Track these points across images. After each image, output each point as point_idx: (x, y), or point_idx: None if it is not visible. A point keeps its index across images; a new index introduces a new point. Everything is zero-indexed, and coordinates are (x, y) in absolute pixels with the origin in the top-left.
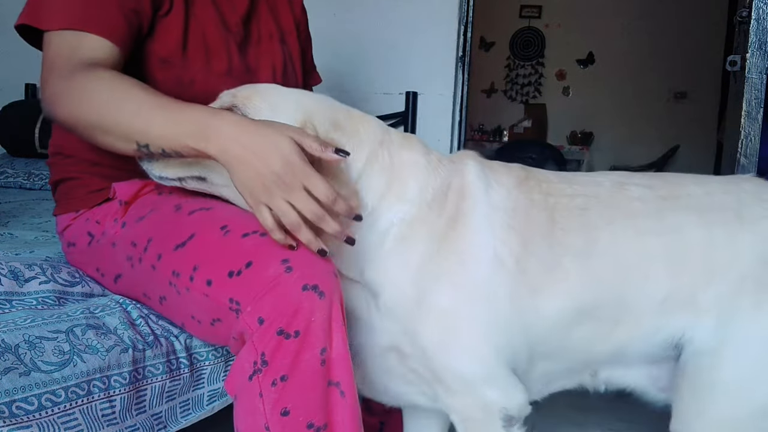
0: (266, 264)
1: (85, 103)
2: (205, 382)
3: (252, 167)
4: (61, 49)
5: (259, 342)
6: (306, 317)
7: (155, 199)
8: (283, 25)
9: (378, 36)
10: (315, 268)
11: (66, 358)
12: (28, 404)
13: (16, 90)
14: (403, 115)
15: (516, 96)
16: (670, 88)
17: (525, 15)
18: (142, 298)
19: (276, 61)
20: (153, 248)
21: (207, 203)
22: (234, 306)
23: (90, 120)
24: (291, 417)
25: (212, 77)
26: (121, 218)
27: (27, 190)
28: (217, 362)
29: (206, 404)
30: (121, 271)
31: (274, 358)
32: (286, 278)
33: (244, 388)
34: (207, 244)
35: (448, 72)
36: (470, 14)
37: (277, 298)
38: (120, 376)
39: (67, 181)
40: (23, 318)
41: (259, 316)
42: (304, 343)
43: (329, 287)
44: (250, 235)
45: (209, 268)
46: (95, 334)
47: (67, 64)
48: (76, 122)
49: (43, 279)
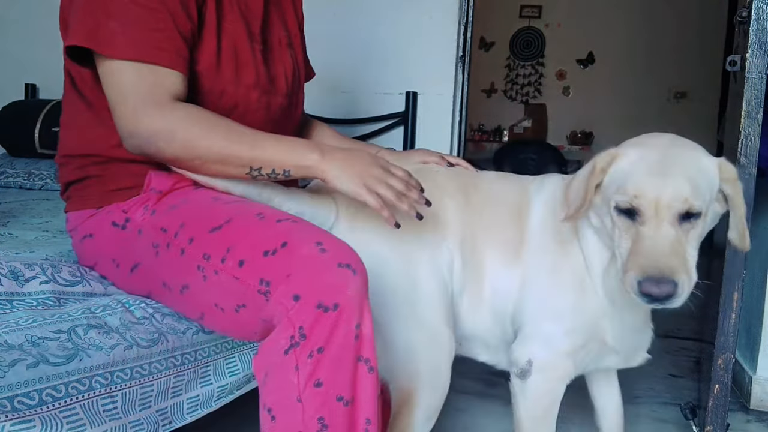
0: (300, 244)
1: (203, 141)
2: (212, 378)
3: (353, 168)
4: (138, 85)
5: (296, 317)
6: (343, 291)
7: (190, 192)
8: (290, 29)
9: (378, 36)
10: (346, 249)
11: (71, 354)
12: (30, 399)
13: (16, 90)
14: (403, 115)
15: (516, 96)
16: (670, 88)
17: (525, 15)
18: (158, 290)
19: (287, 67)
20: (185, 232)
21: (242, 199)
22: (263, 288)
23: (209, 155)
24: (323, 389)
25: (241, 89)
26: (152, 206)
27: (27, 190)
28: (222, 358)
29: (214, 401)
30: (141, 260)
31: (313, 331)
32: (321, 257)
33: (277, 364)
34: (242, 227)
35: (448, 72)
36: (470, 14)
37: (314, 274)
38: (122, 372)
39: (85, 179)
40: (24, 318)
41: (294, 293)
42: (341, 317)
43: (360, 267)
44: (284, 221)
45: (243, 249)
46: (97, 333)
47: (152, 101)
48: (192, 157)
49: (44, 279)
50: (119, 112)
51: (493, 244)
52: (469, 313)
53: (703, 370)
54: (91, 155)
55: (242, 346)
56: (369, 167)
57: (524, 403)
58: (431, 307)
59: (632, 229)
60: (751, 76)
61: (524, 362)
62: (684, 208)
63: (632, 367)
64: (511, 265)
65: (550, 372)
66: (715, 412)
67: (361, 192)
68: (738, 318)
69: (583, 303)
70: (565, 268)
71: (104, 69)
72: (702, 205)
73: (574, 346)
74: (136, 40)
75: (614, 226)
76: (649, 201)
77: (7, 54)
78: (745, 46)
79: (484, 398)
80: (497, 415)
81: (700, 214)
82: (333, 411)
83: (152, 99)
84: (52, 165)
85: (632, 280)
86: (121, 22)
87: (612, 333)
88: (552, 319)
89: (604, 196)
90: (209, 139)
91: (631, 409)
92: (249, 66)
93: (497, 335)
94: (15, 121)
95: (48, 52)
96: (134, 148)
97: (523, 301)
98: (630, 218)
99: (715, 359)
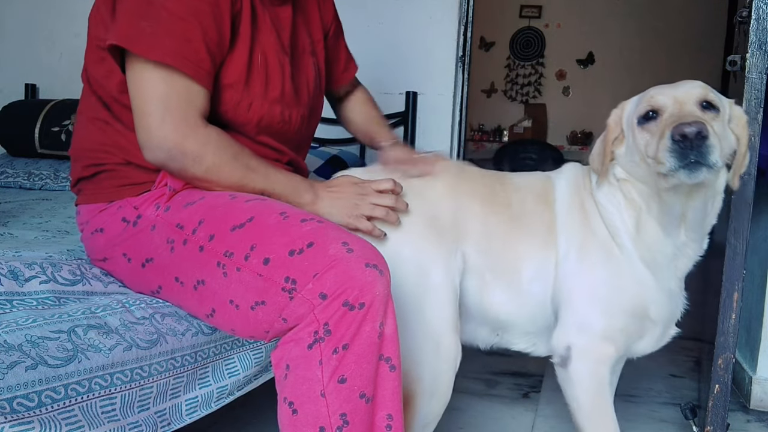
0: (327, 245)
1: (226, 168)
2: (211, 379)
3: (340, 202)
4: (168, 98)
5: (321, 314)
6: (371, 291)
7: (205, 190)
8: (313, 35)
9: (378, 36)
10: (372, 250)
11: (70, 355)
12: (29, 401)
13: (16, 90)
14: (403, 115)
15: (516, 96)
16: None
17: (525, 15)
18: (170, 284)
19: (309, 77)
20: (204, 229)
21: (261, 197)
22: (289, 286)
23: (229, 182)
24: (347, 385)
25: (267, 102)
26: (164, 203)
27: (27, 190)
28: (222, 359)
29: (213, 402)
30: (154, 255)
31: (338, 328)
32: (348, 257)
33: (300, 358)
34: (267, 226)
35: (448, 72)
36: (470, 14)
37: (341, 273)
38: (122, 374)
39: (97, 174)
40: (24, 318)
41: (321, 291)
42: (367, 315)
43: (386, 268)
44: (309, 221)
45: (269, 247)
46: (97, 333)
47: (183, 118)
48: (211, 180)
49: (43, 278)
50: (145, 122)
51: (525, 231)
52: (506, 303)
53: (703, 370)
54: (105, 152)
55: (242, 347)
56: (352, 197)
57: (572, 392)
58: (439, 314)
59: (657, 128)
60: (751, 76)
61: (563, 349)
62: (703, 94)
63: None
64: (545, 249)
65: (590, 356)
66: (715, 411)
67: (350, 222)
68: (738, 318)
69: (616, 277)
70: (593, 245)
71: (133, 72)
72: (718, 102)
73: (612, 327)
74: (167, 45)
75: (640, 142)
76: (667, 96)
77: (7, 54)
78: (745, 46)
79: (484, 398)
80: (497, 415)
81: (719, 110)
82: (355, 407)
83: (183, 116)
84: (52, 165)
85: (665, 141)
86: (152, 24)
87: (653, 302)
88: (586, 300)
89: (627, 136)
90: (232, 167)
91: (630, 408)
92: (277, 80)
93: (538, 321)
94: (15, 121)
95: (48, 52)
96: (155, 159)
97: (557, 283)
98: (653, 121)
99: (715, 359)
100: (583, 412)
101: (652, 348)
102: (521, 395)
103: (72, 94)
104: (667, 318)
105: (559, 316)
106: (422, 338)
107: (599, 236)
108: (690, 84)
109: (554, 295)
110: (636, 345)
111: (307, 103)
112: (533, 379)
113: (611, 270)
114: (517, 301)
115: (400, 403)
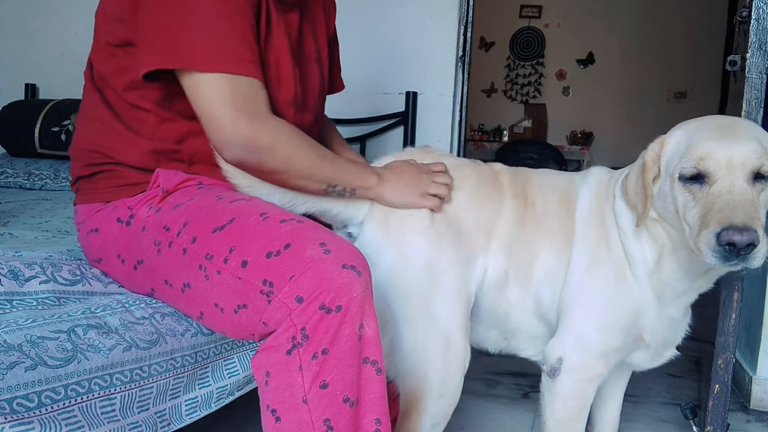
0: (304, 246)
1: (300, 156)
2: (210, 380)
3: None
4: (235, 97)
5: (298, 318)
6: (347, 293)
7: (196, 191)
8: (319, 42)
9: (378, 36)
10: (351, 250)
11: (70, 355)
12: (29, 401)
13: (16, 90)
14: (403, 115)
15: (516, 96)
16: (670, 88)
17: (525, 15)
18: (161, 287)
19: (314, 83)
20: (188, 232)
21: (248, 196)
22: (266, 289)
23: (301, 170)
24: (329, 390)
25: (278, 106)
26: (156, 204)
27: (27, 190)
28: (222, 360)
29: (213, 403)
30: (143, 257)
31: (316, 332)
32: (325, 258)
33: (279, 364)
34: (246, 227)
35: (448, 72)
36: (470, 14)
37: (318, 275)
38: (122, 374)
39: (95, 174)
40: (24, 318)
41: (297, 294)
42: (345, 318)
43: (365, 268)
44: (288, 222)
45: (246, 250)
46: (97, 333)
47: (254, 113)
48: (286, 171)
49: (43, 278)
50: (217, 124)
51: (544, 232)
52: (517, 304)
53: (703, 370)
54: (104, 153)
55: (241, 347)
56: (415, 176)
57: (551, 404)
58: (450, 313)
59: (701, 194)
60: (751, 76)
61: (554, 360)
62: (758, 164)
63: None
64: (560, 253)
65: (581, 373)
66: (715, 412)
67: (415, 202)
68: (738, 318)
69: (621, 296)
70: (605, 261)
71: (191, 83)
72: None
73: (608, 345)
74: (225, 53)
75: (679, 200)
76: (718, 161)
77: (7, 54)
78: (745, 46)
79: (484, 398)
80: (497, 415)
81: None
82: (339, 412)
83: (253, 111)
84: (52, 165)
85: (710, 236)
86: (202, 34)
87: (649, 328)
88: (586, 313)
89: (663, 179)
90: (306, 156)
91: (630, 408)
92: (288, 83)
93: (544, 326)
94: (15, 121)
95: (48, 52)
96: (234, 157)
97: (563, 290)
98: (698, 184)
99: (715, 359)
100: (556, 426)
101: (646, 366)
102: (521, 395)
103: (72, 94)
104: (661, 343)
105: (557, 325)
106: (431, 336)
107: (614, 252)
108: (746, 144)
109: (559, 303)
110: (630, 360)
111: (313, 109)
112: (533, 379)
113: (617, 288)
114: (525, 302)
115: (386, 406)
